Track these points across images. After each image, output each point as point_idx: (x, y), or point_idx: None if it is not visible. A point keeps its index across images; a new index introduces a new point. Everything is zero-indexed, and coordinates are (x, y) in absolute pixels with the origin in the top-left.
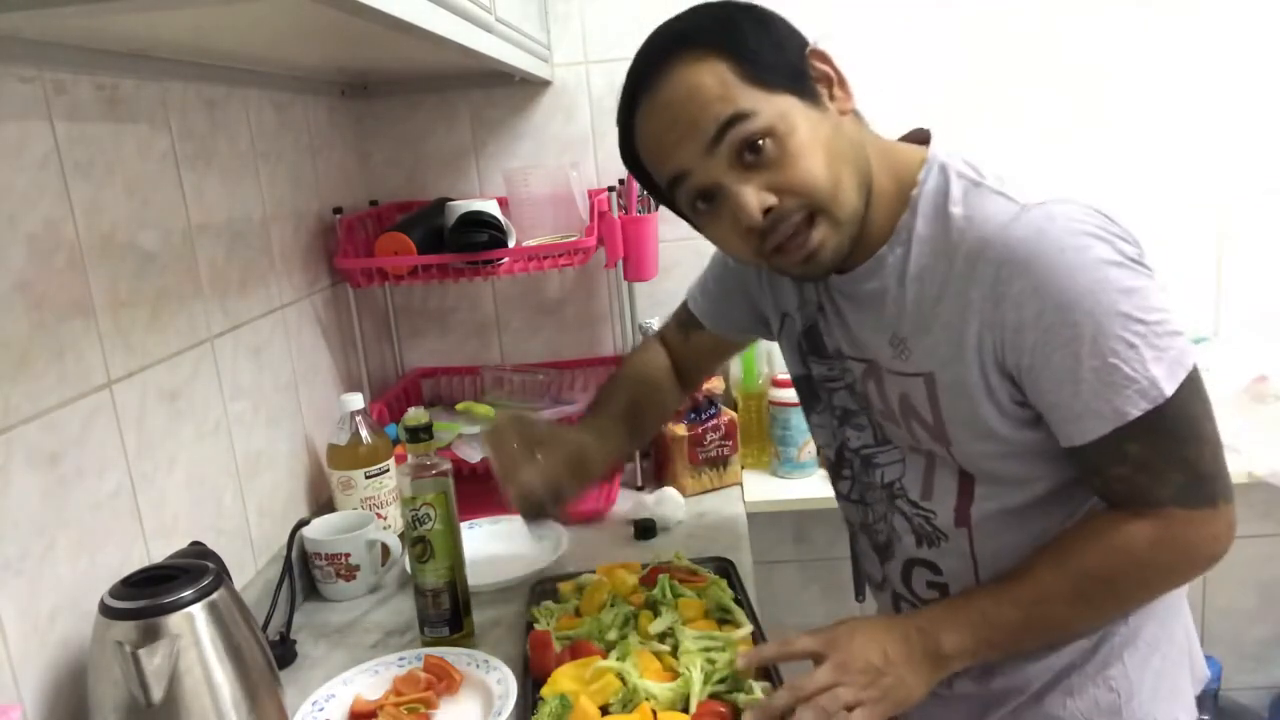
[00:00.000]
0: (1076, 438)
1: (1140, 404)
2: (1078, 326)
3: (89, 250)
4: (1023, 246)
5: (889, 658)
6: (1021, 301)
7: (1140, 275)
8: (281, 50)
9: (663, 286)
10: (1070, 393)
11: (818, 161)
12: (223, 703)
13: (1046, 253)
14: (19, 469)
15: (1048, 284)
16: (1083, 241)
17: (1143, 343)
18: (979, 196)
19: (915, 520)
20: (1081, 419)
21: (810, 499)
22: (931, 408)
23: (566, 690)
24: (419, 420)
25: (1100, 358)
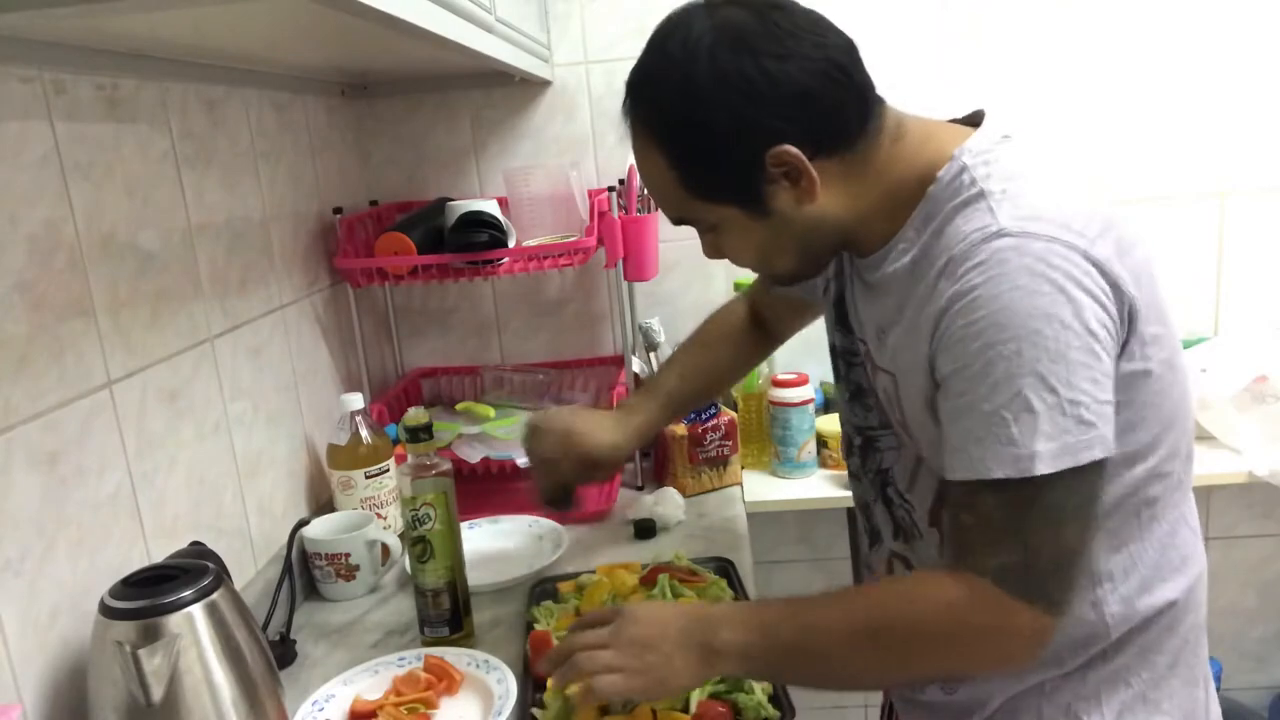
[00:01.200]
0: (946, 471)
1: (1006, 469)
2: (990, 365)
3: (89, 250)
4: (979, 271)
5: (664, 636)
6: (957, 319)
7: (1083, 350)
8: (281, 50)
9: (663, 286)
10: (958, 425)
11: (750, 257)
12: (223, 703)
13: (996, 283)
14: (19, 469)
15: (985, 314)
16: (1037, 286)
17: (1045, 412)
18: (973, 208)
19: (898, 512)
20: (955, 453)
21: (810, 499)
22: (899, 407)
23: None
24: (419, 420)
25: (994, 405)
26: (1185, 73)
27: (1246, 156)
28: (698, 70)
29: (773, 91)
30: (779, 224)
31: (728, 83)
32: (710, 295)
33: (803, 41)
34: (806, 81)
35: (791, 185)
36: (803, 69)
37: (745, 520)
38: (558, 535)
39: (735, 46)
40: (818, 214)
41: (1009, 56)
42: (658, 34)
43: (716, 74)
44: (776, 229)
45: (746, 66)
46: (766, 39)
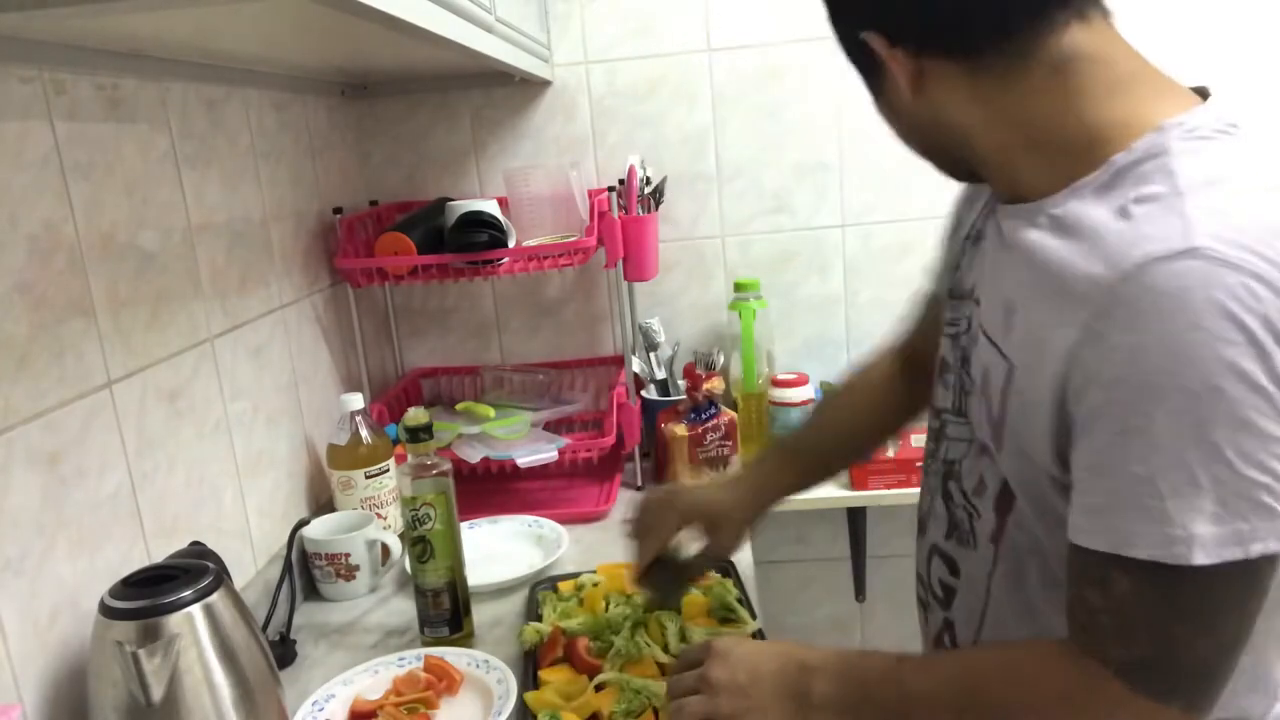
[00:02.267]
0: (1072, 533)
1: (1153, 550)
2: (1150, 421)
3: (89, 250)
4: (1151, 296)
5: (757, 681)
6: (1116, 357)
7: (1274, 418)
8: (281, 50)
9: (663, 286)
10: (1099, 487)
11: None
12: (222, 703)
13: (1171, 320)
14: (19, 469)
15: (1151, 354)
16: (1224, 332)
17: (1214, 491)
18: (1164, 209)
19: (957, 512)
20: (1090, 515)
21: (810, 499)
22: (1000, 401)
23: (551, 703)
24: (419, 420)
25: (1150, 469)
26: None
27: None
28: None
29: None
30: (894, 106)
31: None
32: (710, 295)
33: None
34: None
35: (894, 74)
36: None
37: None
38: (558, 535)
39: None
40: (931, 111)
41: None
42: None
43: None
44: (894, 110)
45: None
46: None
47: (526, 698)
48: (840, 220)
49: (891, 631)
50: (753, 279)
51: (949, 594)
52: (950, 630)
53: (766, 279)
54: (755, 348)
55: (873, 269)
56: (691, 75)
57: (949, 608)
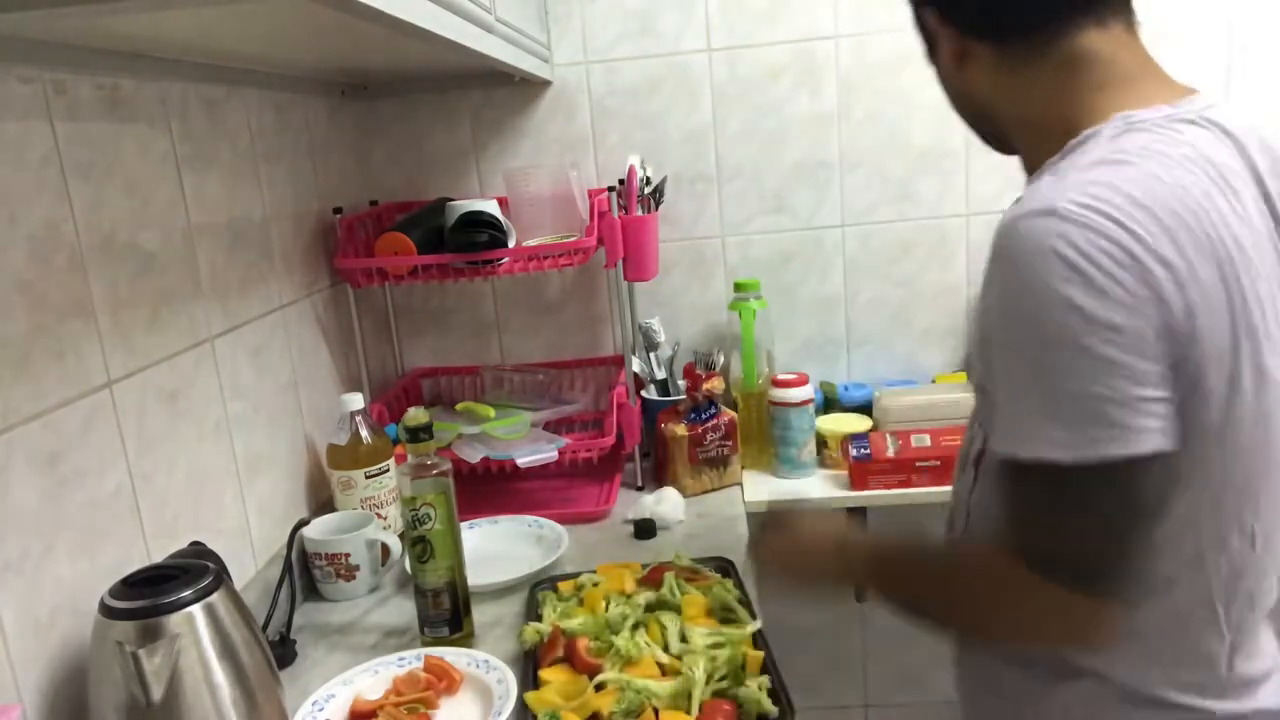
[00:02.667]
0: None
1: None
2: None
3: (89, 250)
4: (1014, 245)
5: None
6: (989, 292)
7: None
8: (281, 50)
9: (663, 286)
10: (1000, 399)
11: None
12: (223, 703)
13: (1026, 264)
14: (19, 469)
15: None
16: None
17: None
18: (1056, 178)
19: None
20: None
21: (810, 499)
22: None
23: (551, 703)
24: (419, 420)
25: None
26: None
27: None
28: None
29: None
30: (944, 75)
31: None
32: (710, 295)
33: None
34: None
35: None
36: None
37: (745, 520)
38: (558, 535)
39: None
40: (966, 85)
41: None
42: None
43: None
44: (944, 78)
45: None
46: None
47: (526, 698)
48: (840, 220)
49: (892, 631)
50: (753, 279)
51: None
52: None
53: (766, 279)
54: (755, 348)
55: (873, 269)
56: (691, 75)
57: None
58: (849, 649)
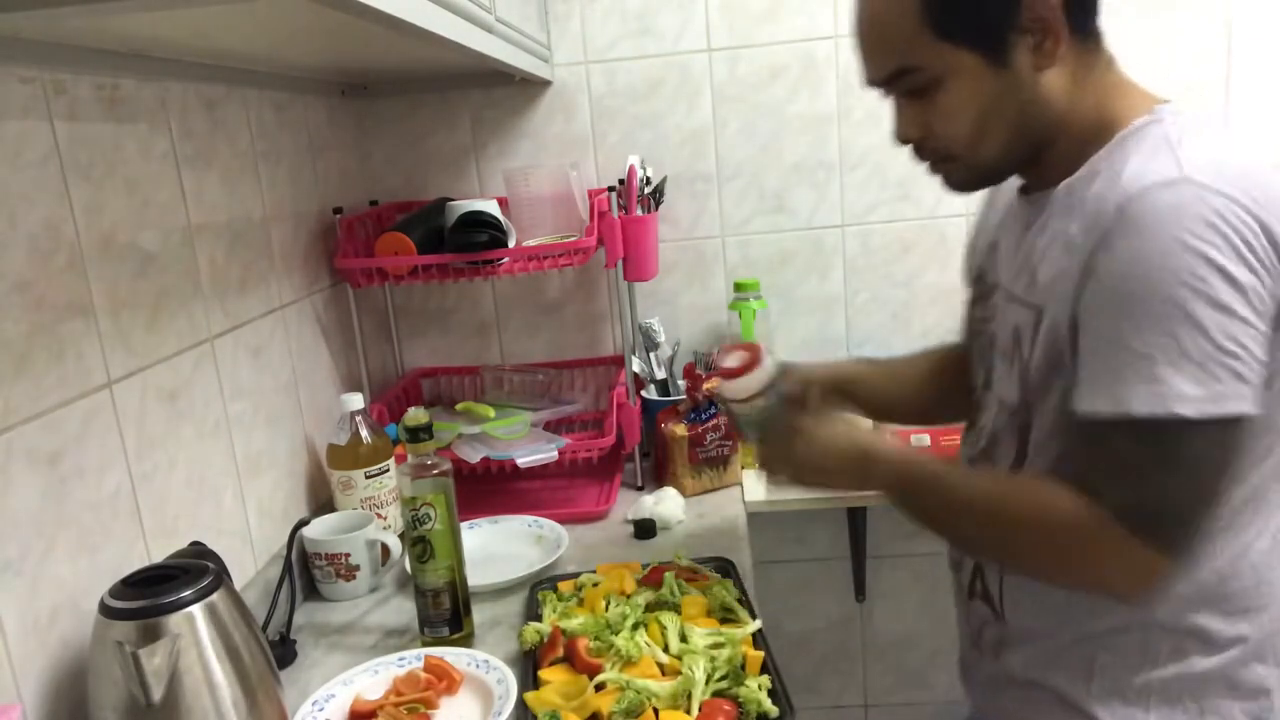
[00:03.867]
0: (1078, 402)
1: (1150, 404)
2: (1148, 305)
3: (89, 250)
4: (1153, 213)
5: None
6: (1121, 256)
7: (1245, 303)
8: (281, 50)
9: (663, 286)
10: (1099, 359)
11: (966, 121)
12: (223, 703)
13: (1168, 230)
14: (19, 469)
15: (1152, 256)
16: (1211, 239)
17: (1199, 356)
18: (1159, 154)
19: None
20: (1091, 386)
21: (810, 499)
22: (1030, 346)
23: (551, 703)
24: (419, 420)
25: (1145, 342)
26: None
27: None
28: None
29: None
30: (1011, 84)
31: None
32: (710, 295)
33: None
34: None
35: (1036, 43)
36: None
37: (745, 520)
38: (558, 535)
39: None
40: (1044, 88)
41: None
42: None
43: None
44: (1006, 89)
45: None
46: None
47: (526, 698)
48: (840, 220)
49: (892, 631)
50: (753, 279)
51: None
52: (980, 576)
53: (766, 279)
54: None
55: (873, 269)
56: (691, 75)
57: None
58: (849, 649)
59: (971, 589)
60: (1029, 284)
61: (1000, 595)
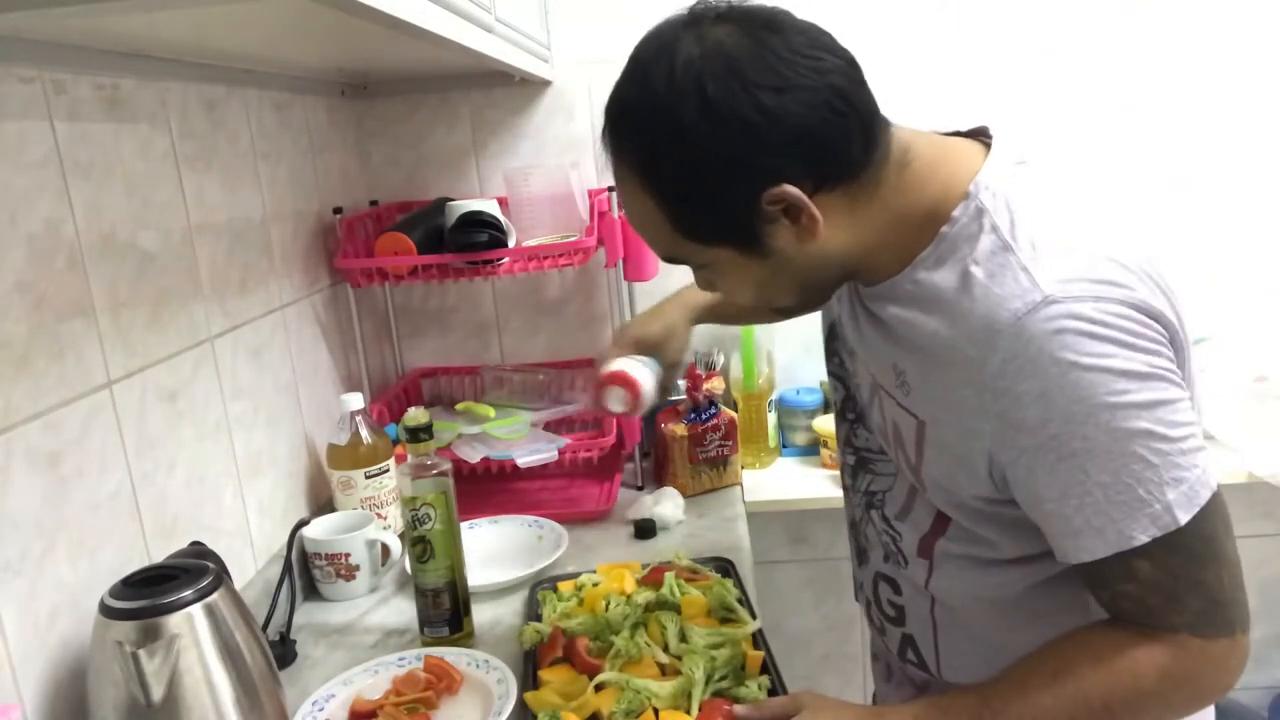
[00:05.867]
0: (1072, 555)
1: (1150, 530)
2: (1089, 440)
3: (89, 250)
4: (1034, 346)
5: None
6: (1026, 403)
7: (1165, 387)
8: (281, 50)
9: (663, 286)
10: (1073, 507)
11: (747, 295)
12: (223, 703)
13: (1060, 358)
14: (19, 469)
15: (1059, 391)
16: (1103, 350)
17: (1162, 462)
18: (1002, 266)
19: (883, 536)
20: (1081, 535)
21: (810, 499)
22: (916, 451)
23: (551, 703)
24: (419, 420)
25: (1112, 474)
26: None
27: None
28: (686, 107)
29: (770, 129)
30: (778, 263)
31: (720, 121)
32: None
33: (800, 68)
34: (806, 115)
35: (791, 223)
36: (801, 101)
37: (745, 520)
38: (558, 535)
39: (727, 78)
40: (820, 250)
41: (1007, 61)
42: (639, 58)
43: (707, 111)
44: (776, 268)
45: (740, 103)
46: (761, 68)
47: (526, 698)
48: None
49: None
50: None
51: (899, 612)
52: (911, 643)
53: None
54: (755, 348)
55: None
56: None
57: (904, 624)
58: (849, 649)
59: (902, 653)
60: (899, 385)
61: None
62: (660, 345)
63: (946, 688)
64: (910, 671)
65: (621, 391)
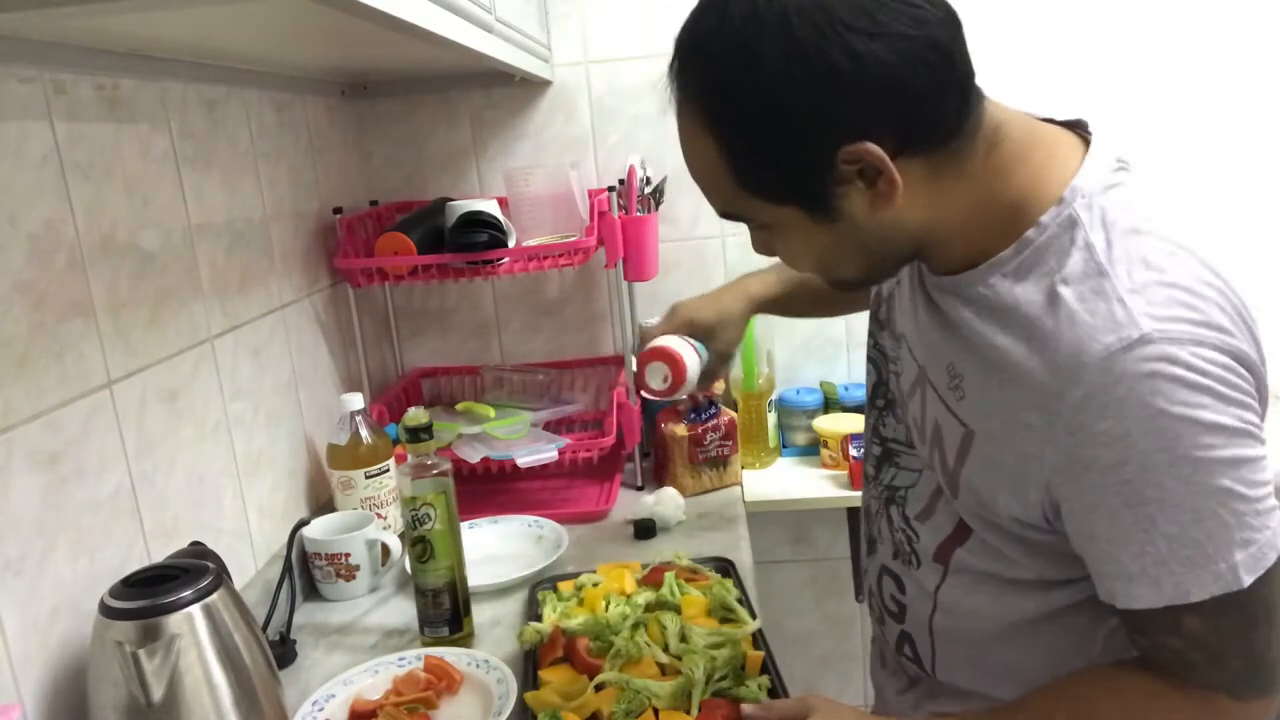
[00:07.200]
0: (1120, 599)
1: (1210, 589)
2: (1164, 490)
3: (89, 250)
4: (1124, 386)
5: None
6: (1103, 442)
7: (1251, 444)
8: (281, 50)
9: (663, 286)
10: (1132, 554)
11: (807, 263)
12: (223, 703)
13: (1149, 403)
14: (19, 469)
15: (1142, 437)
16: (1195, 400)
17: (1236, 522)
18: (1096, 293)
19: (899, 534)
20: (1135, 582)
21: (810, 499)
22: (956, 458)
23: (551, 703)
24: (419, 420)
25: (1181, 528)
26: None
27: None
28: (766, 44)
29: (857, 77)
30: (846, 230)
31: (803, 62)
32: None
33: (898, 14)
34: (899, 67)
35: (867, 187)
36: (896, 51)
37: (745, 520)
38: (558, 535)
39: (816, 16)
40: (893, 221)
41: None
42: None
43: (790, 50)
44: (842, 235)
45: (828, 45)
46: (854, 9)
47: (526, 698)
48: None
49: None
50: None
51: (901, 609)
52: (909, 640)
53: None
54: (755, 348)
55: None
56: None
57: (903, 621)
58: (849, 649)
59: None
60: (951, 388)
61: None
62: (712, 331)
63: (939, 687)
64: (905, 665)
65: (664, 369)
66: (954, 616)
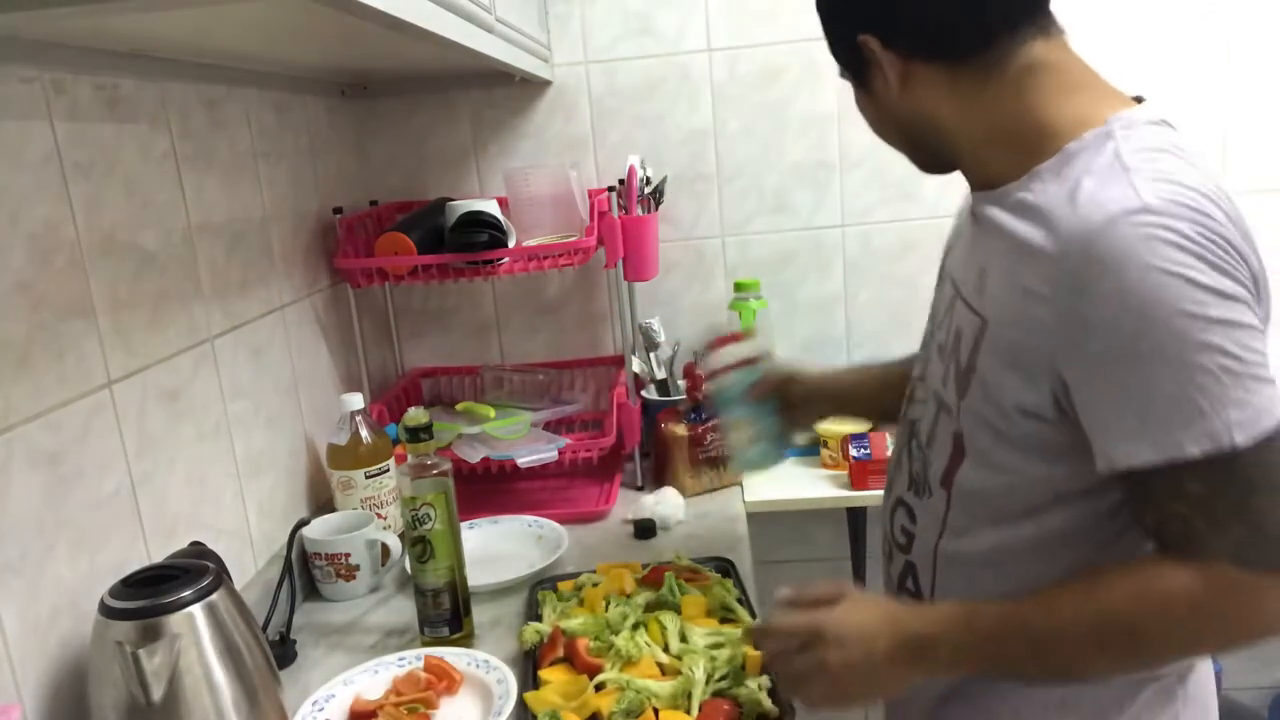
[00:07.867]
0: (1121, 460)
1: (1204, 444)
2: (1159, 344)
3: (89, 250)
4: (1122, 246)
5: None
6: (1100, 301)
7: (1245, 311)
8: (281, 50)
9: (663, 286)
10: (1131, 411)
11: (869, 125)
12: (223, 703)
13: (1146, 261)
14: (19, 469)
15: (1137, 292)
16: (1190, 262)
17: (1231, 381)
18: (1112, 178)
19: (915, 465)
20: (1133, 440)
21: (810, 499)
22: (970, 354)
23: (551, 703)
24: (419, 420)
25: (1177, 383)
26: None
27: (1246, 152)
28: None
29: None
30: (881, 105)
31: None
32: (710, 295)
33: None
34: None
35: (883, 73)
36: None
37: (745, 520)
38: (558, 535)
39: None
40: (914, 109)
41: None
42: None
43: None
44: (880, 109)
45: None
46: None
47: (526, 698)
48: (840, 220)
49: None
50: (753, 279)
51: (909, 539)
52: (912, 571)
53: (766, 279)
54: None
55: (873, 269)
56: (691, 75)
57: (909, 551)
58: None
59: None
60: (977, 289)
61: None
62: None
63: None
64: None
65: None
66: (957, 541)
